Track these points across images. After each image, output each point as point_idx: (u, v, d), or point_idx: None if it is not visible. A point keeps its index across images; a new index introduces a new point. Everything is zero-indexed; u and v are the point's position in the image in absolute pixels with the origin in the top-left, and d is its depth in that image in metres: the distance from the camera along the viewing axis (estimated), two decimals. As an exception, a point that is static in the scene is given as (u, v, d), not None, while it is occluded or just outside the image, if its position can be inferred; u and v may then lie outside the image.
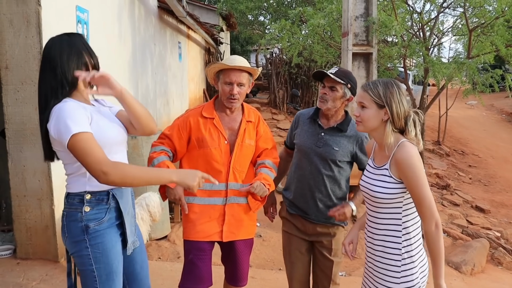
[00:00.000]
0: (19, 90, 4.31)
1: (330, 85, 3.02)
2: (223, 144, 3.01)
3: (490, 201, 10.05)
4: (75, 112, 2.11)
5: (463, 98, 10.68)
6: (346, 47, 6.72)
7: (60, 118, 2.09)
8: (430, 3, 9.24)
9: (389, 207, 2.35)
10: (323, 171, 3.07)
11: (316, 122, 3.13)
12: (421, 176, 2.21)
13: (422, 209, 2.22)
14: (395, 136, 2.33)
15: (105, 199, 2.27)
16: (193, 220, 3.05)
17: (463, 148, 14.55)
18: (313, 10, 9.21)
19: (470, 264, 5.90)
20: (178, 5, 9.11)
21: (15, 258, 4.63)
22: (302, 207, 3.16)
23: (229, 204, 3.04)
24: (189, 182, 2.22)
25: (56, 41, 2.24)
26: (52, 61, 2.19)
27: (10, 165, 4.46)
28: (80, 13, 4.95)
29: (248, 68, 2.97)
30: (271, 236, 6.13)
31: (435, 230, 2.21)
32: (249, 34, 19.20)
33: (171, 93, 10.51)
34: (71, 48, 2.22)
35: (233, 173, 3.03)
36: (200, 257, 3.06)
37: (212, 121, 3.03)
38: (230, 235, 3.07)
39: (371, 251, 2.49)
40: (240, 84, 2.97)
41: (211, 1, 28.91)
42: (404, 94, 2.35)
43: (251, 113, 3.16)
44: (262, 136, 3.17)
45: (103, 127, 2.24)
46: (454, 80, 9.02)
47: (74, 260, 2.36)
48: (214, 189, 3.01)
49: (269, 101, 15.58)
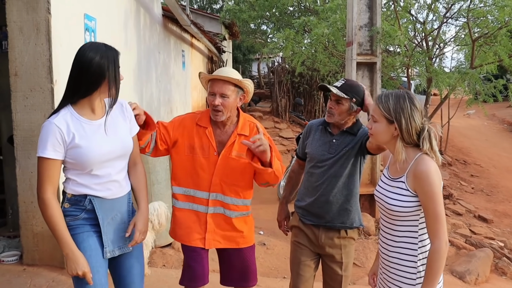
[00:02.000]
0: (27, 97, 4.34)
1: (335, 99, 3.05)
2: (212, 154, 3.02)
3: (493, 210, 10.03)
4: (47, 136, 2.30)
5: (466, 108, 10.70)
6: (351, 56, 6.75)
7: (40, 134, 2.34)
8: (433, 13, 9.29)
9: (405, 219, 2.32)
10: (337, 175, 3.09)
11: (327, 130, 3.16)
12: (438, 192, 2.18)
13: (436, 225, 2.18)
14: (411, 150, 2.30)
15: (83, 201, 2.46)
16: (177, 223, 3.14)
17: (465, 158, 14.54)
18: (316, 19, 9.27)
19: (474, 274, 5.89)
20: (183, 13, 9.16)
21: (22, 264, 4.63)
22: (316, 212, 3.15)
23: (211, 213, 3.05)
24: (69, 268, 2.35)
25: (91, 48, 2.37)
26: (81, 64, 2.34)
27: (18, 171, 4.48)
28: (88, 21, 4.99)
29: (229, 79, 2.93)
30: (275, 245, 6.14)
31: (444, 248, 2.18)
32: (252, 43, 19.25)
33: (174, 102, 10.54)
34: (103, 60, 2.35)
35: (219, 184, 3.03)
36: (192, 258, 3.12)
37: (205, 130, 3.04)
38: (214, 243, 3.09)
39: (386, 263, 2.46)
40: (223, 95, 2.93)
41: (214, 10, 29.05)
42: (418, 108, 2.27)
43: (246, 126, 3.10)
44: None
45: (83, 147, 2.37)
46: (457, 89, 9.05)
47: None
48: (197, 196, 3.06)
49: (271, 110, 15.63)
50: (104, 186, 2.48)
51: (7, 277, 4.38)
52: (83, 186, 2.44)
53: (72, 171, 2.43)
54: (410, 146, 2.30)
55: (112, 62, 2.36)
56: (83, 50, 2.34)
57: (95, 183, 2.46)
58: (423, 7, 9.39)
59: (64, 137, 2.32)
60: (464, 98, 11.54)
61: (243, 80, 2.98)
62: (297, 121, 15.26)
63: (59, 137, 2.31)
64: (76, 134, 2.35)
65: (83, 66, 2.31)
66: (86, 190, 2.44)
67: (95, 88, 2.35)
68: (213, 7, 31.03)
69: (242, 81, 2.97)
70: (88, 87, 2.35)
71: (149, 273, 4.65)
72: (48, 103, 4.32)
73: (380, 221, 2.51)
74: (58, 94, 4.36)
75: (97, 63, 2.30)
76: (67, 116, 2.36)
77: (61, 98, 2.45)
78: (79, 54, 2.34)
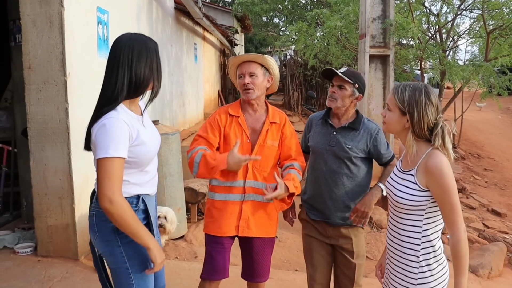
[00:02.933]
0: (41, 90, 4.37)
1: (338, 84, 3.06)
2: (245, 142, 3.09)
3: (507, 204, 9.94)
4: (119, 134, 2.14)
5: (479, 101, 10.60)
6: (363, 49, 6.71)
7: (104, 132, 2.12)
8: (447, 5, 9.20)
9: (410, 213, 2.31)
10: (338, 170, 3.09)
11: (327, 122, 3.16)
12: (453, 184, 2.16)
13: (454, 215, 2.17)
14: (422, 144, 2.28)
15: (135, 201, 2.32)
16: (214, 216, 3.14)
17: (479, 151, 14.42)
18: (329, 12, 9.22)
19: (487, 268, 5.85)
20: (195, 6, 9.16)
21: (36, 256, 4.69)
22: (320, 208, 3.16)
23: (246, 200, 3.10)
24: (156, 259, 2.25)
25: (131, 41, 2.28)
26: (126, 61, 2.22)
27: (32, 163, 4.52)
28: (100, 14, 5.01)
29: (253, 57, 3.09)
30: (287, 237, 6.13)
31: (464, 236, 2.16)
32: (264, 36, 19.20)
33: (187, 95, 10.56)
34: (147, 52, 2.26)
35: (252, 172, 3.10)
36: (217, 249, 3.14)
37: (237, 119, 3.12)
38: (245, 230, 3.12)
39: (391, 254, 2.46)
40: (252, 74, 3.06)
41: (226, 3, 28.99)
42: (434, 103, 2.23)
43: (276, 115, 3.21)
44: (287, 138, 3.21)
45: (147, 143, 2.29)
46: (471, 83, 8.96)
47: (105, 259, 2.39)
48: (234, 185, 3.09)
49: (283, 103, 15.60)
50: (151, 182, 2.43)
51: (22, 268, 4.44)
52: (136, 186, 2.32)
53: (125, 171, 2.22)
54: (422, 139, 2.28)
55: (157, 56, 2.31)
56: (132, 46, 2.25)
57: (146, 180, 2.38)
58: (437, -1, 9.30)
59: (132, 135, 2.20)
60: (478, 92, 11.44)
61: (267, 57, 3.09)
62: (309, 115, 15.23)
63: (128, 135, 2.17)
64: (139, 130, 2.25)
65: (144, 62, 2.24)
66: (138, 189, 2.33)
67: (147, 85, 2.29)
68: (225, 0, 30.99)
69: (265, 58, 3.08)
70: (143, 87, 2.28)
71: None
72: (61, 96, 4.35)
73: (389, 213, 2.50)
74: (71, 87, 4.40)
75: (149, 64, 2.25)
76: (125, 112, 2.23)
77: (107, 95, 2.22)
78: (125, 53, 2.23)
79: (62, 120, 4.40)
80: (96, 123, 2.16)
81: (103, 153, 2.09)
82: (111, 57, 2.25)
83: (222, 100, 16.16)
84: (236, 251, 3.49)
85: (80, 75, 4.56)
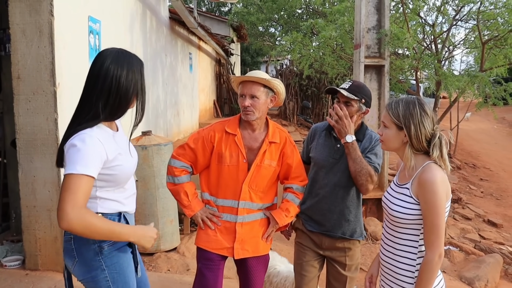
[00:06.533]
0: (30, 100, 4.30)
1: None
2: (241, 162, 2.99)
3: (503, 215, 9.91)
4: (91, 152, 2.01)
5: (476, 112, 10.61)
6: (358, 59, 6.68)
7: (75, 149, 2.01)
8: (442, 15, 9.19)
9: (406, 227, 2.28)
10: (340, 183, 3.04)
11: (331, 135, 3.10)
12: (440, 203, 2.13)
13: (432, 236, 2.15)
14: (420, 158, 2.27)
15: (116, 219, 2.22)
16: (206, 230, 3.06)
17: (474, 161, 14.42)
18: (324, 22, 9.20)
19: (483, 280, 5.80)
20: (190, 16, 9.14)
21: (24, 269, 4.59)
22: (318, 219, 3.12)
23: (240, 222, 3.02)
24: (144, 244, 2.18)
25: (117, 57, 2.15)
26: (113, 79, 2.10)
27: (20, 175, 4.44)
28: (92, 23, 4.96)
29: (256, 79, 2.93)
30: (281, 249, 6.06)
31: (437, 260, 2.15)
32: (260, 46, 19.25)
33: (181, 104, 10.52)
34: (133, 71, 2.19)
35: (248, 192, 3.01)
36: (208, 267, 3.06)
37: (234, 138, 3.01)
38: (242, 252, 3.04)
39: (385, 270, 2.42)
40: (253, 96, 2.93)
41: (222, 12, 29.07)
42: (429, 114, 2.24)
43: (276, 133, 3.08)
44: (289, 157, 3.09)
45: (127, 160, 2.22)
46: (466, 93, 8.94)
47: (86, 286, 2.24)
48: (227, 205, 3.02)
49: (279, 113, 15.58)
50: (130, 199, 2.33)
51: (9, 282, 4.34)
52: (115, 202, 2.22)
53: (103, 188, 2.14)
54: (420, 153, 2.27)
55: (142, 76, 2.23)
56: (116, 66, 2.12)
57: (125, 197, 2.28)
58: (433, 9, 9.27)
59: (107, 155, 2.07)
60: (473, 102, 11.42)
61: (271, 80, 2.96)
62: (304, 124, 15.21)
63: (102, 155, 2.05)
64: (114, 149, 2.14)
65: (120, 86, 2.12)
66: (118, 206, 2.23)
67: (129, 106, 2.21)
68: (221, 9, 31.06)
69: (270, 81, 2.95)
70: (126, 108, 2.20)
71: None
72: (51, 106, 4.28)
73: (384, 226, 2.47)
74: (61, 98, 4.33)
75: (134, 83, 2.18)
76: (100, 130, 2.12)
77: (84, 112, 2.11)
78: (111, 69, 2.11)
79: (52, 131, 4.31)
80: (69, 140, 2.04)
81: (70, 168, 1.96)
82: (92, 73, 2.13)
83: (218, 110, 16.12)
84: (230, 263, 3.41)
85: (70, 86, 4.48)
